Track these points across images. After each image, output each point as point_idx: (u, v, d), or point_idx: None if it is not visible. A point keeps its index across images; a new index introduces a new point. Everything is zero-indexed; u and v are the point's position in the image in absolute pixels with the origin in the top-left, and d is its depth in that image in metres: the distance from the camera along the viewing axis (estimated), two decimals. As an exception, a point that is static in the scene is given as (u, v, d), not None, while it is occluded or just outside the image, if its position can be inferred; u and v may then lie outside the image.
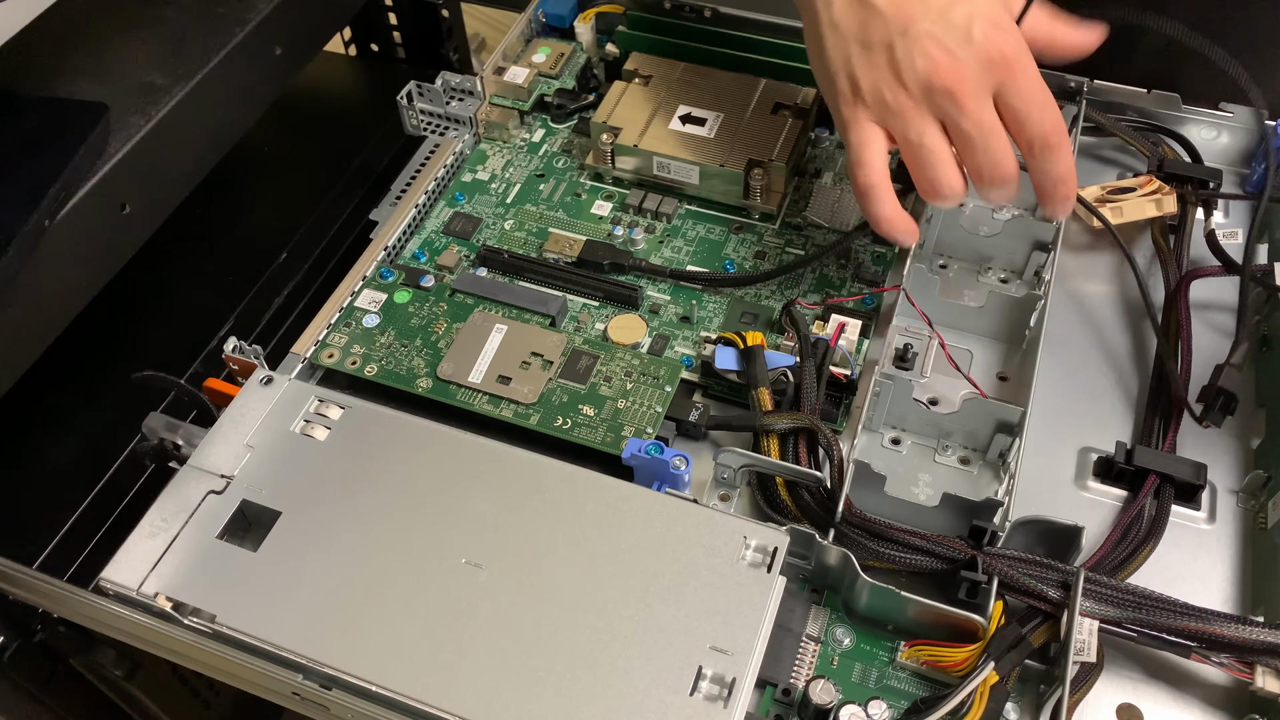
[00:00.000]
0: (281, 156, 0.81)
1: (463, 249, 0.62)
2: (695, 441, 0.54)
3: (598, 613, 0.43)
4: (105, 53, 0.61)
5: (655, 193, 0.64)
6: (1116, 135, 0.64)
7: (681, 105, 0.64)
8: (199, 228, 0.71)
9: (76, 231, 0.54)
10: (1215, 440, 0.53)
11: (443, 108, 0.68)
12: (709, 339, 0.55)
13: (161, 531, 0.46)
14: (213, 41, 0.63)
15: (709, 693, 0.41)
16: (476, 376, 0.54)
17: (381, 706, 0.41)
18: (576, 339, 0.56)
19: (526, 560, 0.44)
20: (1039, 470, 0.52)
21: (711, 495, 0.52)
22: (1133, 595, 0.44)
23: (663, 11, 0.71)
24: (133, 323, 0.68)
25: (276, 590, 0.44)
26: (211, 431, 0.49)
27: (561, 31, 0.74)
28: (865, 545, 0.46)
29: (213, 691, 0.67)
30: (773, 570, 0.44)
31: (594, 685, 0.41)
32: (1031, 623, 0.44)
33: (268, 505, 0.47)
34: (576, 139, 0.68)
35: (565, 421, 0.52)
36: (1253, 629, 0.43)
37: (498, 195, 0.65)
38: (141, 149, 0.57)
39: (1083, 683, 0.44)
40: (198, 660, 0.45)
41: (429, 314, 0.58)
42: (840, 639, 0.46)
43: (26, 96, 0.58)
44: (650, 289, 0.60)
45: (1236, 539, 0.50)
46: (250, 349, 0.53)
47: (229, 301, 0.68)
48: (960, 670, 0.44)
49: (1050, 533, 0.48)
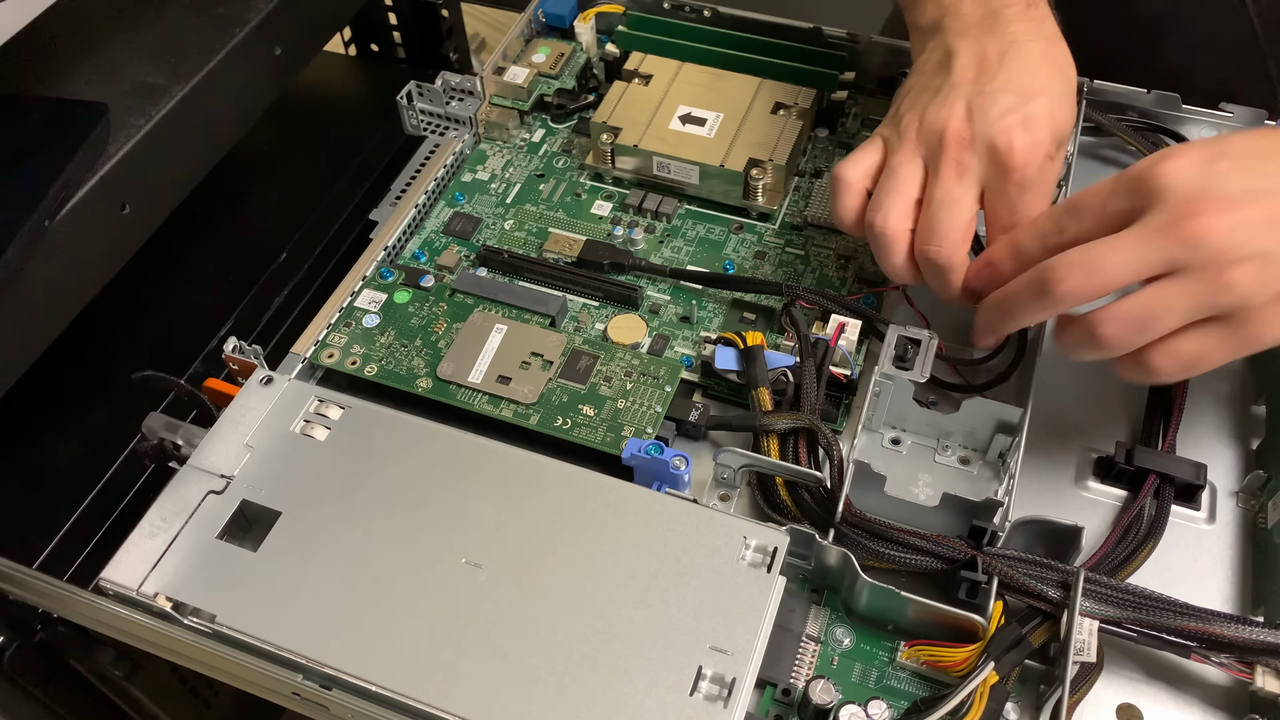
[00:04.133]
0: (281, 156, 0.81)
1: (463, 249, 0.62)
2: (695, 441, 0.54)
3: (598, 613, 0.43)
4: (105, 53, 0.61)
5: (655, 193, 0.64)
6: (1116, 135, 0.64)
7: (681, 105, 0.64)
8: (199, 228, 0.71)
9: (76, 231, 0.54)
10: (1215, 440, 0.53)
11: (443, 108, 0.68)
12: (709, 339, 0.55)
13: (161, 531, 0.46)
14: (212, 41, 0.62)
15: (709, 693, 0.41)
16: (476, 376, 0.54)
17: (381, 706, 0.41)
18: (576, 339, 0.56)
19: (526, 560, 0.44)
20: (1039, 470, 0.52)
21: (711, 495, 0.52)
22: (1133, 595, 0.44)
23: (663, 11, 0.71)
24: (133, 323, 0.68)
25: (276, 590, 0.44)
26: (211, 431, 0.49)
27: (561, 31, 0.74)
28: (865, 545, 0.46)
29: (213, 691, 0.67)
30: (773, 570, 0.44)
31: (594, 685, 0.41)
32: (1031, 623, 0.44)
33: (268, 505, 0.47)
34: (576, 139, 0.68)
35: (565, 421, 0.53)
36: (1253, 629, 0.43)
37: (498, 195, 0.65)
38: (141, 149, 0.57)
39: (1083, 683, 0.44)
40: (198, 660, 0.45)
41: (429, 314, 0.58)
42: (840, 639, 0.46)
43: (26, 96, 0.58)
44: (650, 289, 0.60)
45: (1236, 539, 0.50)
46: (250, 349, 0.53)
47: (229, 301, 0.68)
48: (960, 670, 0.44)
49: (1050, 533, 0.48)
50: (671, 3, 0.70)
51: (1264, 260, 0.40)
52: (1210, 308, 0.41)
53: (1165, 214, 0.41)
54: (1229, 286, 0.40)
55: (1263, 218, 0.40)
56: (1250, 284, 0.40)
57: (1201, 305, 0.41)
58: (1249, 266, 0.40)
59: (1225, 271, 0.40)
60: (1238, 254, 0.40)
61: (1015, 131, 0.47)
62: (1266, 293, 0.40)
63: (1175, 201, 0.41)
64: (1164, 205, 0.41)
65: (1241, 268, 0.40)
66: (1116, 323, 0.42)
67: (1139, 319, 0.42)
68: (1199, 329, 0.42)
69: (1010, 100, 0.48)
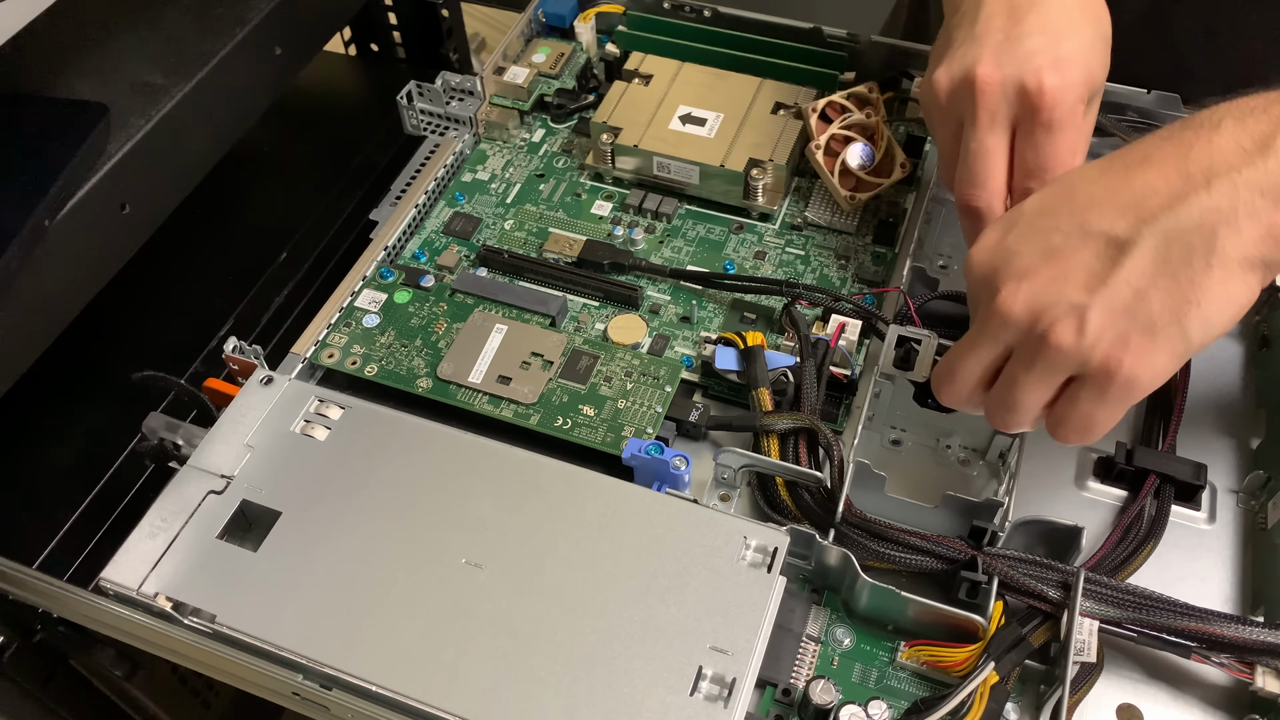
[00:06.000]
0: (281, 156, 0.81)
1: (463, 249, 0.62)
2: (695, 441, 0.54)
3: (598, 613, 0.43)
4: (105, 53, 0.61)
5: (655, 193, 0.64)
6: (1116, 135, 0.64)
7: (681, 105, 0.64)
8: (199, 228, 0.71)
9: (76, 231, 0.54)
10: (1215, 440, 0.53)
11: (443, 108, 0.68)
12: (709, 339, 0.55)
13: (161, 531, 0.46)
14: (213, 41, 0.62)
15: (709, 693, 0.41)
16: (476, 376, 0.54)
17: (381, 706, 0.41)
18: (576, 339, 0.56)
19: (526, 560, 0.44)
20: (1039, 470, 0.52)
21: (711, 495, 0.52)
22: (1133, 595, 0.44)
23: (663, 11, 0.71)
24: (133, 323, 0.68)
25: (276, 590, 0.44)
26: (211, 431, 0.49)
27: (561, 31, 0.74)
28: (865, 545, 0.46)
29: (213, 691, 0.67)
30: (773, 570, 0.44)
31: (594, 685, 0.41)
32: (1031, 623, 0.44)
33: (268, 505, 0.47)
34: (576, 139, 0.68)
35: (565, 421, 0.52)
36: (1253, 629, 0.43)
37: (498, 195, 0.65)
38: (141, 149, 0.57)
39: (1083, 683, 0.44)
40: (198, 660, 0.45)
41: (429, 314, 0.58)
42: (840, 639, 0.46)
43: (26, 96, 0.58)
44: (650, 289, 0.60)
45: (1236, 539, 0.50)
46: (250, 349, 0.53)
47: (229, 301, 0.68)
48: (960, 670, 0.44)
49: (1050, 533, 0.48)
50: (671, 3, 0.70)
51: (1077, 312, 0.38)
52: (1057, 370, 0.40)
53: (980, 304, 0.42)
54: (1057, 348, 0.39)
55: (1057, 274, 0.39)
56: (1074, 337, 0.38)
57: (1046, 374, 0.40)
58: (1066, 324, 0.38)
59: (1048, 336, 0.39)
60: (1050, 316, 0.39)
61: (1045, 72, 0.46)
62: (1098, 336, 0.38)
63: (982, 289, 0.41)
64: (977, 295, 0.42)
65: (1059, 327, 0.39)
66: (993, 413, 0.43)
67: (1003, 402, 0.42)
68: (1068, 394, 0.40)
69: (1040, 41, 0.47)
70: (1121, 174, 0.40)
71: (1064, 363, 0.39)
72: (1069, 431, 0.41)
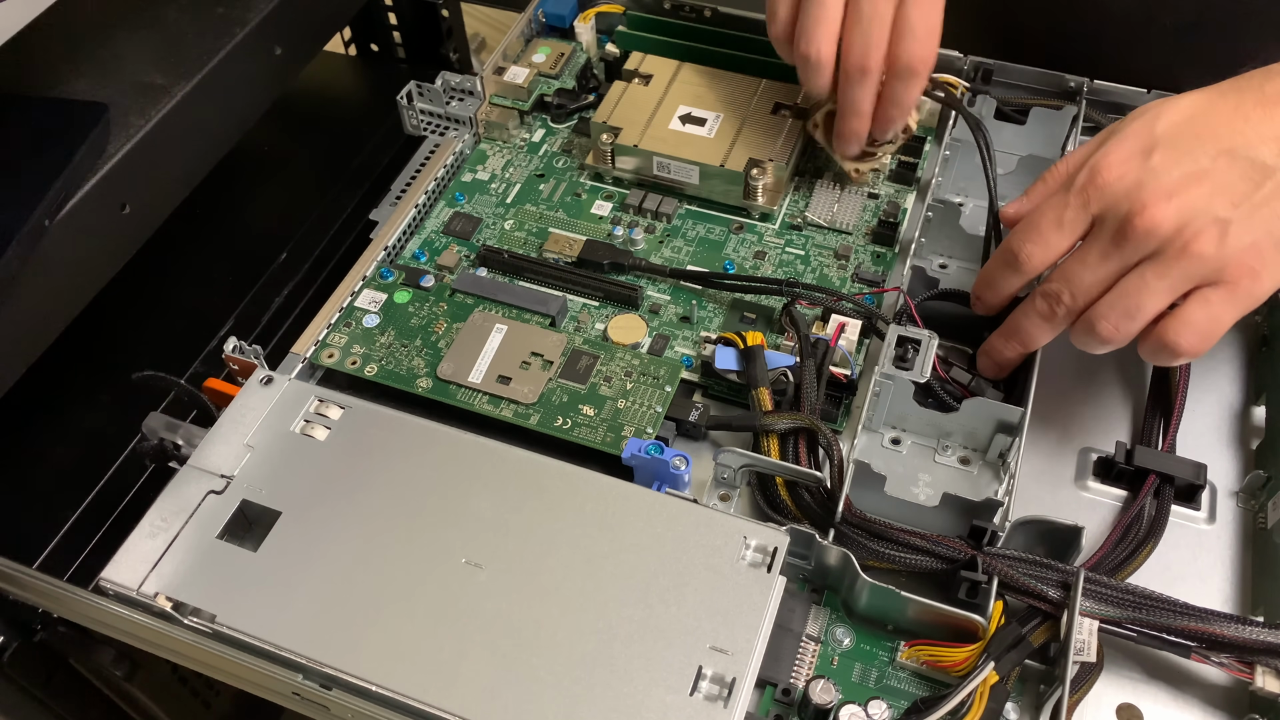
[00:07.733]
0: (281, 156, 0.81)
1: (463, 249, 0.62)
2: (695, 441, 0.54)
3: (598, 613, 0.43)
4: (105, 53, 0.61)
5: (655, 193, 0.64)
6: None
7: (681, 105, 0.64)
8: (199, 228, 0.71)
9: (76, 231, 0.54)
10: (1215, 440, 0.53)
11: (443, 108, 0.68)
12: (709, 339, 0.55)
13: (161, 531, 0.46)
14: (213, 41, 0.62)
15: (709, 693, 0.41)
16: (476, 376, 0.54)
17: (381, 706, 0.41)
18: (576, 339, 0.56)
19: (526, 560, 0.44)
20: (1039, 470, 0.53)
21: (711, 495, 0.52)
22: (1133, 595, 0.44)
23: (663, 11, 0.71)
24: (133, 323, 0.68)
25: (276, 590, 0.44)
26: (211, 431, 0.49)
27: (561, 31, 0.74)
28: (865, 545, 0.46)
29: (213, 691, 0.67)
30: (773, 570, 0.44)
31: (594, 685, 0.41)
32: (1031, 623, 0.44)
33: (268, 505, 0.47)
34: (576, 139, 0.68)
35: (565, 421, 0.52)
36: (1253, 629, 0.43)
37: (498, 195, 0.65)
38: (141, 149, 0.57)
39: (1083, 683, 0.44)
40: (198, 660, 0.45)
41: (429, 314, 0.58)
42: (840, 639, 0.46)
43: (26, 96, 0.58)
44: (650, 289, 0.60)
45: (1236, 539, 0.50)
46: (250, 349, 0.53)
47: (229, 301, 0.68)
48: (960, 670, 0.44)
49: (1050, 533, 0.48)
50: (671, 3, 0.70)
51: (1220, 224, 0.43)
52: (1191, 279, 0.44)
53: (1118, 219, 0.45)
54: (1198, 256, 0.43)
55: (1204, 192, 0.43)
56: (1216, 246, 0.43)
57: (1180, 281, 0.44)
58: (1209, 234, 0.43)
59: (1191, 245, 0.43)
60: (1194, 228, 0.43)
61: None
62: (1238, 245, 0.43)
63: (1124, 205, 0.44)
64: (1114, 211, 0.45)
65: (1202, 238, 0.43)
66: (1106, 318, 0.45)
67: (1125, 308, 0.45)
68: (1198, 296, 0.44)
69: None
70: (1257, 108, 0.44)
71: (1200, 270, 0.43)
72: (1193, 334, 0.44)
